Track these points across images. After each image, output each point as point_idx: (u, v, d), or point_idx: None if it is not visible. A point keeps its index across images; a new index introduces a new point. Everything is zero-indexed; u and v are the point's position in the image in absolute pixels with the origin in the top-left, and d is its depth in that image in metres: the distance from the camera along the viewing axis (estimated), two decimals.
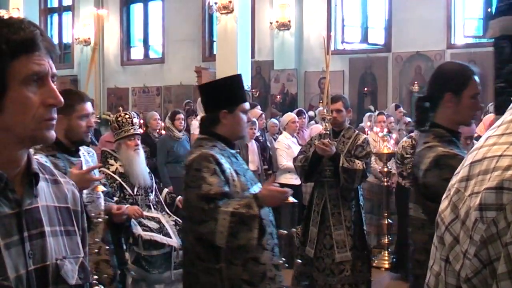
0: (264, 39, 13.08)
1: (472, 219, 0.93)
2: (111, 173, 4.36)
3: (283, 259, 2.83)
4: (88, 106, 2.92)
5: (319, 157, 4.35)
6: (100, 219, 3.05)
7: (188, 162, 2.65)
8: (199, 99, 7.91)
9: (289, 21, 12.54)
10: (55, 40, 16.65)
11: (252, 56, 11.88)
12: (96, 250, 3.03)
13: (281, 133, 7.09)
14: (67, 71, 15.65)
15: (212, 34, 13.97)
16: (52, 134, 1.18)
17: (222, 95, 2.73)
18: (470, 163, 1.00)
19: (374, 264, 6.04)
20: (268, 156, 6.82)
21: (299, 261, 4.43)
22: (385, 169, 6.12)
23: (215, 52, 12.11)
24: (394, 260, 6.02)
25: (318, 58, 11.78)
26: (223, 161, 2.63)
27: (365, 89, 12.30)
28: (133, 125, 4.41)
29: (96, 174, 2.96)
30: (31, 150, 1.19)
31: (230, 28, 10.41)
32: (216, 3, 10.45)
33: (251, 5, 11.41)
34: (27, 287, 1.13)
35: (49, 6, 16.80)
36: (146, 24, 15.45)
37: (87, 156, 3.06)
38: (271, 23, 12.69)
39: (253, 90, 11.56)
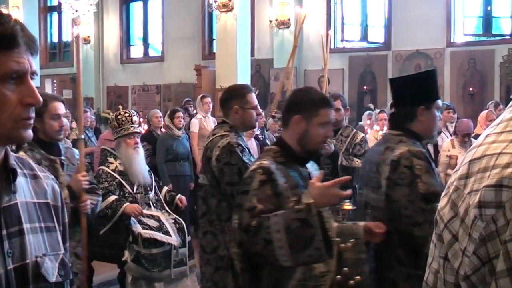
0: (264, 37, 13.05)
1: (471, 216, 0.93)
2: (111, 171, 4.37)
3: None
4: (331, 112, 2.41)
5: None
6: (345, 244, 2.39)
7: (395, 157, 2.49)
8: (199, 97, 7.93)
9: (289, 19, 12.51)
10: (55, 39, 16.65)
11: (252, 54, 11.85)
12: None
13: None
14: (67, 70, 15.66)
15: (211, 32, 13.95)
16: (29, 133, 1.13)
17: (421, 90, 2.58)
18: (469, 161, 1.00)
19: None
20: None
21: None
22: None
23: (214, 51, 12.09)
24: None
25: (317, 56, 11.74)
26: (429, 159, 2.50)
27: (365, 87, 12.29)
28: (132, 123, 4.41)
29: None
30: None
31: (230, 27, 10.39)
32: (215, 1, 10.43)
33: (250, 3, 11.38)
34: (6, 286, 1.09)
35: (48, 4, 16.77)
36: (145, 23, 15.42)
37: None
38: (270, 21, 12.65)
39: (253, 88, 11.53)
